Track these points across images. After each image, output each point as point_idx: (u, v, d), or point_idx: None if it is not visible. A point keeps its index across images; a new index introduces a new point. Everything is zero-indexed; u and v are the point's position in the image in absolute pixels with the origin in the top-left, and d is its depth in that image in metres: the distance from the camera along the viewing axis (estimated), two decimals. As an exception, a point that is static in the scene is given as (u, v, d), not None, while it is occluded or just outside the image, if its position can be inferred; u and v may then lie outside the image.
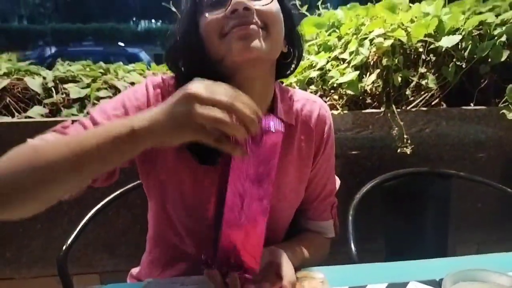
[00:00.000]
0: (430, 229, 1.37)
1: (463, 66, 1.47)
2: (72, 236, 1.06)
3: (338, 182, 1.01)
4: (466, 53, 1.48)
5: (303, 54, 0.94)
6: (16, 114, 1.44)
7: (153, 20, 19.80)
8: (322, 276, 0.80)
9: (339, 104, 1.43)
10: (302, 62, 1.49)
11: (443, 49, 1.47)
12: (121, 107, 0.77)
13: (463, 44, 1.49)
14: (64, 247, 1.03)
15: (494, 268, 0.64)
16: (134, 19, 20.44)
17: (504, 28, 1.45)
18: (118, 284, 0.82)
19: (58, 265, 1.02)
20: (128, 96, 0.79)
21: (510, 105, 1.47)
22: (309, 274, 0.81)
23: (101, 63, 1.67)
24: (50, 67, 1.67)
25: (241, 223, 0.64)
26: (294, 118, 0.88)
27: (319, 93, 1.46)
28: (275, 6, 0.76)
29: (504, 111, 1.46)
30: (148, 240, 0.96)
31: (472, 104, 1.52)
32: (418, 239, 1.34)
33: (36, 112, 1.43)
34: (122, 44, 12.16)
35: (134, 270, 1.00)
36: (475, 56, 1.46)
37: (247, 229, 0.65)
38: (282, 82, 1.26)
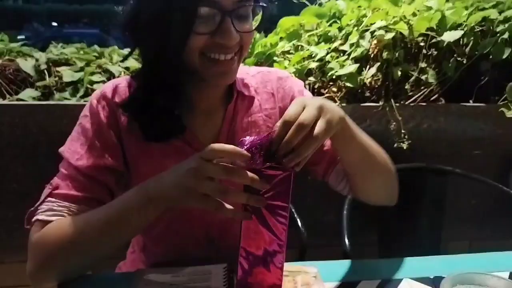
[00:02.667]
0: (424, 224, 1.38)
1: (464, 62, 1.46)
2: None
3: None
4: (467, 49, 1.46)
5: (302, 44, 0.95)
6: (8, 96, 1.41)
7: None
8: (315, 271, 0.79)
9: (337, 97, 1.41)
10: (300, 52, 1.47)
11: (445, 44, 1.45)
12: (85, 138, 0.80)
13: (465, 40, 1.48)
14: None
15: (488, 267, 0.63)
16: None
17: (507, 25, 1.44)
18: (108, 273, 0.81)
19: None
20: (83, 125, 0.82)
21: (509, 103, 1.46)
22: (302, 268, 0.80)
23: (96, 47, 1.63)
24: (43, 49, 1.63)
25: None
26: (254, 90, 0.90)
27: (317, 85, 1.44)
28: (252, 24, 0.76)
29: (503, 109, 1.46)
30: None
31: (471, 101, 1.51)
32: (412, 234, 1.34)
33: (28, 95, 1.40)
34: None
35: (123, 264, 0.99)
36: (476, 53, 1.45)
37: None
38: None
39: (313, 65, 1.43)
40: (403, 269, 0.82)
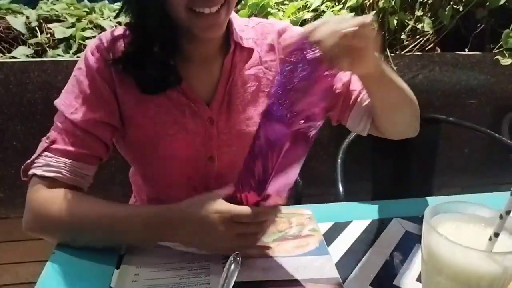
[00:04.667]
0: (416, 172, 1.41)
1: (460, 9, 1.43)
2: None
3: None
4: (464, -4, 1.44)
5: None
6: (0, 54, 1.40)
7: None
8: (309, 212, 0.83)
9: (332, 48, 1.40)
10: (295, 3, 1.44)
11: (441, -9, 1.43)
12: (79, 92, 0.79)
13: (462, -13, 1.45)
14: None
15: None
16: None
17: (504, -31, 1.41)
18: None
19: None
20: (78, 77, 0.81)
21: (504, 51, 1.45)
22: (297, 211, 0.84)
23: (86, 2, 1.60)
24: (34, 5, 1.59)
25: None
26: (254, 42, 0.89)
27: (312, 36, 1.42)
28: None
29: (498, 57, 1.45)
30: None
31: (466, 50, 1.50)
32: (405, 182, 1.38)
33: (21, 53, 1.38)
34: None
35: None
36: (472, 0, 1.42)
37: None
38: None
39: (308, 15, 1.41)
40: (393, 210, 0.86)
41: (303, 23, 1.43)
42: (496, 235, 0.48)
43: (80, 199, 0.73)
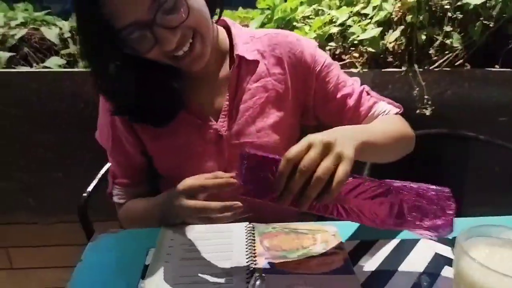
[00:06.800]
0: (444, 191, 1.37)
1: (491, 25, 1.40)
2: (92, 185, 1.10)
3: (355, 80, 0.98)
4: (494, 12, 1.40)
5: (323, 9, 0.96)
6: (34, 64, 1.45)
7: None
8: (334, 229, 0.81)
9: (358, 62, 1.39)
10: (321, 17, 1.44)
11: (471, 7, 1.40)
12: (107, 134, 0.92)
13: (492, 2, 1.42)
14: (84, 195, 1.08)
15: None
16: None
17: (538, -15, 1.37)
18: (138, 230, 0.85)
19: (80, 212, 1.06)
20: (101, 116, 0.93)
21: (537, 68, 1.41)
22: (321, 227, 0.83)
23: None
24: (66, 17, 1.65)
25: None
26: (261, 54, 0.90)
27: (338, 51, 1.42)
28: (191, 3, 0.73)
29: (530, 73, 1.41)
30: None
31: (497, 66, 1.46)
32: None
33: (54, 63, 1.43)
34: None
35: None
36: (504, 15, 1.39)
37: None
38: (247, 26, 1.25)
39: (334, 30, 1.41)
40: (421, 230, 0.83)
41: (329, 37, 1.43)
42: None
43: (132, 205, 0.95)
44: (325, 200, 0.59)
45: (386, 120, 0.91)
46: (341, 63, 1.39)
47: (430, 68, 1.41)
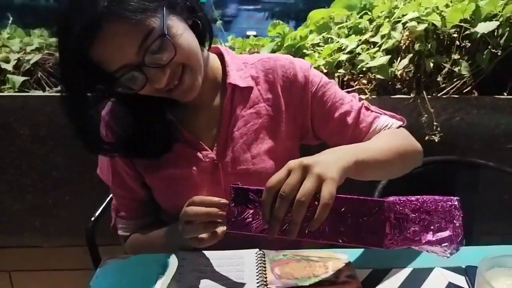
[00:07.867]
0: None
1: (499, 53, 1.42)
2: (100, 209, 1.10)
3: (353, 96, 0.99)
4: (502, 40, 1.42)
5: (332, 37, 0.97)
6: (47, 88, 1.47)
7: None
8: (346, 257, 0.80)
9: (367, 89, 1.40)
10: (331, 45, 1.47)
11: (478, 36, 1.42)
12: (107, 166, 0.93)
13: (500, 31, 1.44)
14: (92, 219, 1.07)
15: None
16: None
17: (545, 15, 1.39)
18: (145, 255, 0.84)
19: (87, 236, 1.06)
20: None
21: (545, 96, 1.41)
22: (333, 255, 0.82)
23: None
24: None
25: None
26: (254, 80, 0.90)
27: (347, 77, 1.44)
28: (178, 40, 0.74)
29: (539, 101, 1.41)
30: None
31: (505, 94, 1.47)
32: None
33: (67, 87, 1.45)
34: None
35: None
36: (511, 44, 1.41)
37: None
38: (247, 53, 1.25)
39: (343, 57, 1.43)
40: (434, 259, 0.81)
41: (338, 64, 1.45)
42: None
43: (137, 238, 0.97)
44: (315, 224, 0.58)
45: (386, 135, 0.90)
46: (350, 89, 1.40)
47: (439, 95, 1.42)
